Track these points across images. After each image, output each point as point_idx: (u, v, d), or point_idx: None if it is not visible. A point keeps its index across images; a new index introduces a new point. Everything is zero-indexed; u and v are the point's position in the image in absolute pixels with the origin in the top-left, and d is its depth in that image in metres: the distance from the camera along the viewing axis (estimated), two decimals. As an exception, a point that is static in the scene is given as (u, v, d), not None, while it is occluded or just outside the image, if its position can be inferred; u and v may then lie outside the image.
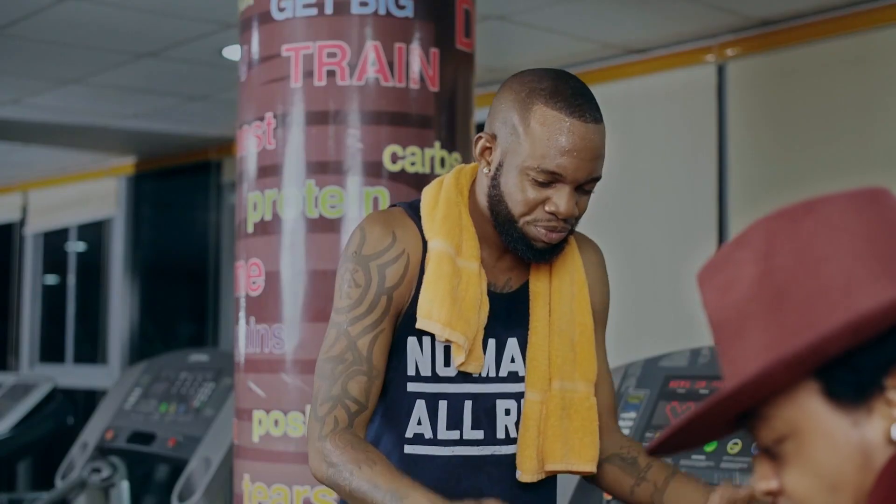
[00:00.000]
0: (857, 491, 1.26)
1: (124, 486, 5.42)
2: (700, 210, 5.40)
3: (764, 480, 1.35)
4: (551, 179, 2.16)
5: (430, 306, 2.22)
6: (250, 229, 3.53)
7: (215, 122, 7.40)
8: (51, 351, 9.35)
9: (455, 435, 2.28)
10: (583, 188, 2.20)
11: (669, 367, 3.31)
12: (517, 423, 2.32)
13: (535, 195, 2.18)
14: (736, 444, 3.03)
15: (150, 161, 8.53)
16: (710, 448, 3.07)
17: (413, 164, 3.39)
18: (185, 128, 7.63)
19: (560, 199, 2.17)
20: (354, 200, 3.39)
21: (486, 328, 2.28)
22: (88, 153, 8.55)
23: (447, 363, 2.26)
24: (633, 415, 3.28)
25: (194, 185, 8.25)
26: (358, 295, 2.23)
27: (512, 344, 2.33)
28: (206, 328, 8.07)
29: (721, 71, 5.44)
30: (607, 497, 3.05)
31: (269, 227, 3.47)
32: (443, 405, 2.27)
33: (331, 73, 3.41)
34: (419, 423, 2.27)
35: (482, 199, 2.27)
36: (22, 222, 9.75)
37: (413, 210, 2.31)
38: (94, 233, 9.06)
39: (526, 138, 2.17)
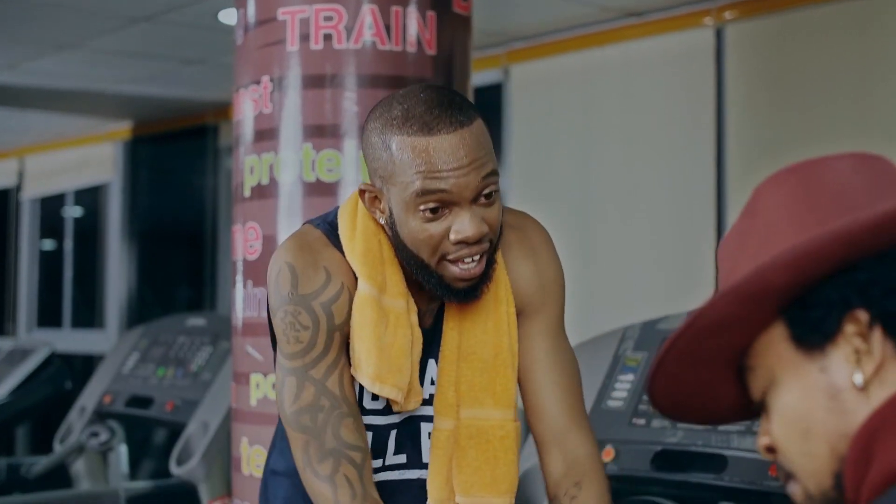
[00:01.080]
0: (829, 436, 1.28)
1: (122, 450, 5.43)
2: (699, 173, 5.39)
3: (762, 437, 1.37)
4: (441, 205, 2.00)
5: (359, 358, 2.09)
6: (247, 193, 3.52)
7: (212, 87, 7.38)
8: (48, 316, 9.36)
9: (378, 463, 2.19)
10: (481, 197, 2.02)
11: (667, 330, 3.31)
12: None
13: (435, 229, 2.01)
14: (733, 406, 3.03)
15: (146, 126, 8.52)
16: (707, 411, 3.07)
17: (410, 127, 3.38)
18: (181, 92, 7.62)
19: (461, 223, 2.01)
20: (351, 164, 3.38)
21: None
22: (85, 118, 8.53)
23: (375, 397, 2.16)
24: (630, 377, 3.28)
25: (191, 150, 8.24)
26: (309, 337, 2.08)
27: (432, 365, 2.21)
28: (204, 292, 8.07)
29: (719, 34, 5.42)
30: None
31: (266, 191, 3.47)
32: (367, 436, 2.16)
33: (327, 37, 3.40)
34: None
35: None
36: (18, 188, 9.74)
37: (334, 233, 2.15)
38: (91, 198, 9.05)
39: (398, 176, 2.01)
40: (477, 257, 2.05)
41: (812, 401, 1.29)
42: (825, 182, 1.32)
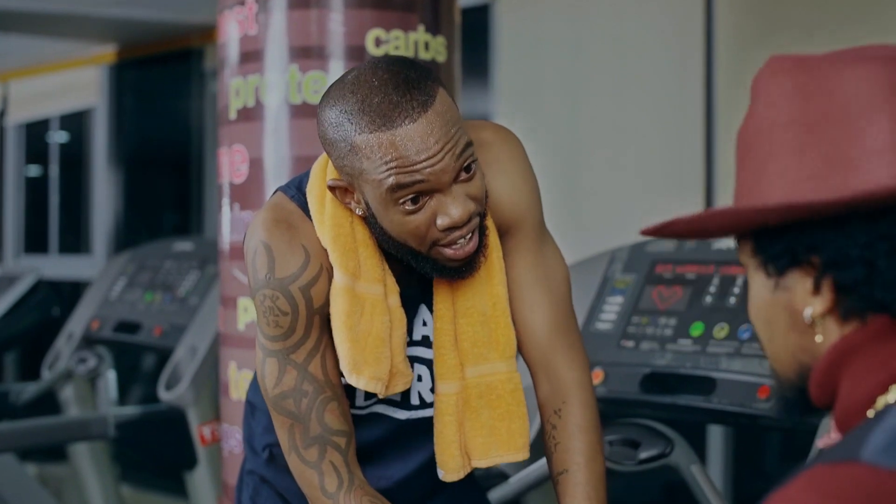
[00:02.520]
0: (788, 343, 1.36)
1: (111, 376, 5.43)
2: (687, 93, 5.36)
3: None
4: (420, 194, 1.91)
5: (336, 346, 2.03)
6: (233, 116, 3.49)
7: (196, 9, 7.31)
8: (35, 242, 9.32)
9: (373, 399, 2.17)
10: (461, 174, 1.93)
11: (656, 252, 3.30)
12: (432, 389, 2.17)
13: (419, 219, 1.93)
14: (722, 328, 3.03)
15: (131, 49, 8.44)
16: (696, 333, 3.07)
17: (397, 48, 3.34)
18: (166, 15, 7.55)
19: (445, 208, 1.92)
20: (338, 85, 3.34)
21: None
22: (69, 42, 8.45)
23: None
24: (619, 299, 3.27)
25: (176, 73, 8.17)
26: (289, 322, 2.01)
27: (422, 309, 2.15)
28: (191, 217, 8.04)
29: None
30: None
31: (251, 114, 3.44)
32: (359, 392, 2.16)
33: (313, -44, 3.35)
34: None
35: None
36: (2, 114, 9.66)
37: (306, 204, 2.07)
38: (76, 123, 8.98)
39: (367, 174, 1.90)
40: (469, 235, 1.97)
41: (773, 308, 1.36)
42: (832, 103, 1.32)
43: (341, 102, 1.92)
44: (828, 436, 1.37)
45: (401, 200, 1.91)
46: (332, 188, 2.00)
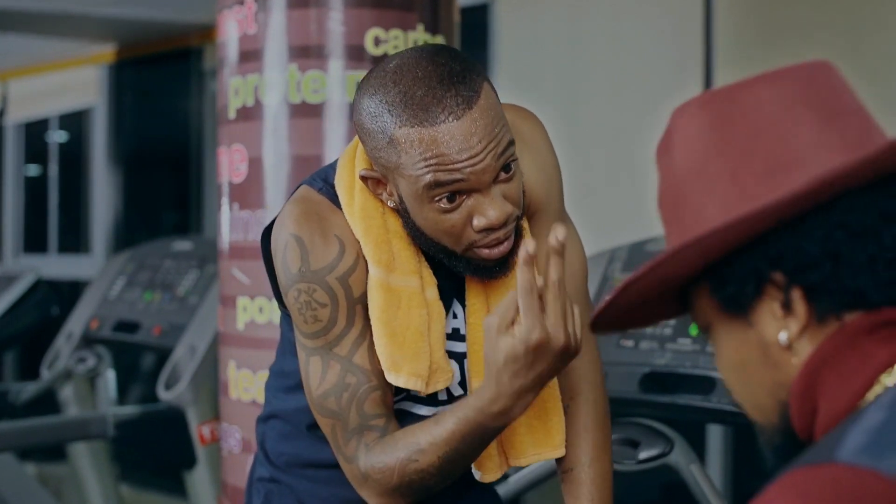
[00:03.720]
0: (766, 384, 1.32)
1: (110, 376, 5.43)
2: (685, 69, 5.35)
3: None
4: (457, 193, 1.83)
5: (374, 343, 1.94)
6: (232, 115, 3.49)
7: (196, 8, 7.31)
8: (34, 241, 9.32)
9: (402, 394, 2.06)
10: (500, 174, 1.85)
11: (655, 251, 3.30)
12: (460, 383, 2.06)
13: (455, 218, 1.85)
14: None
15: (130, 48, 8.44)
16: (696, 332, 3.07)
17: (396, 47, 3.34)
18: (165, 14, 7.55)
19: (483, 209, 1.84)
20: (337, 85, 3.34)
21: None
22: (68, 41, 8.45)
23: None
24: (619, 299, 3.27)
25: (176, 73, 8.17)
26: (328, 315, 1.92)
27: (454, 302, 2.06)
28: (190, 216, 8.04)
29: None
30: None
31: (251, 113, 3.44)
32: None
33: (312, -45, 3.35)
34: None
35: None
36: (2, 113, 9.67)
37: (335, 195, 1.98)
38: (76, 122, 8.98)
39: (404, 168, 1.83)
40: (504, 239, 1.89)
41: (745, 352, 1.32)
42: (748, 125, 1.30)
43: (382, 92, 1.84)
44: None
45: (437, 198, 1.83)
46: (364, 178, 1.92)
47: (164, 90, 8.41)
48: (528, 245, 1.70)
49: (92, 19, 7.71)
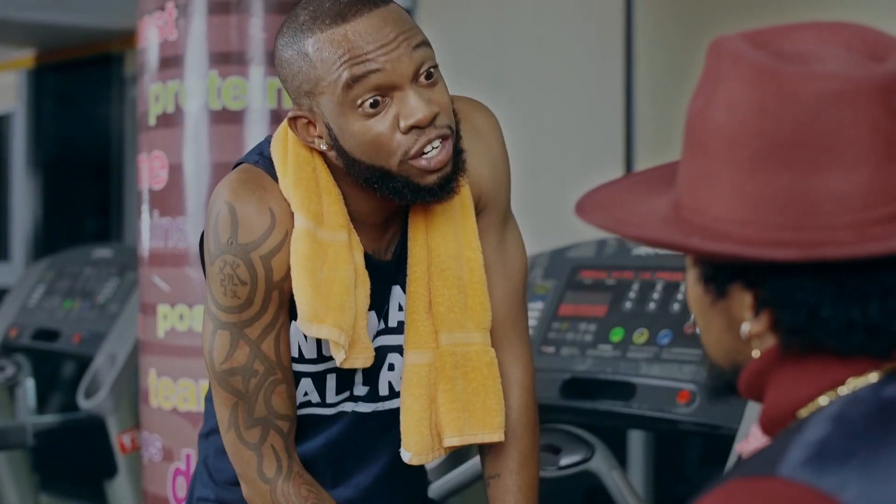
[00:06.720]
0: (723, 342, 1.32)
1: (29, 384, 5.38)
2: (608, 107, 5.40)
3: None
4: (379, 93, 1.81)
5: (296, 300, 1.91)
6: (152, 122, 3.47)
7: (116, 14, 7.26)
8: (-48, 249, 9.21)
9: (345, 395, 2.06)
10: (420, 77, 1.84)
11: (577, 258, 3.31)
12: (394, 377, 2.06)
13: (381, 125, 1.83)
14: (642, 334, 3.05)
15: (50, 54, 8.37)
16: (616, 338, 3.09)
17: (318, 54, 3.33)
18: (85, 19, 7.49)
19: (407, 106, 1.82)
20: (258, 91, 3.34)
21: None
22: (-14, 46, 8.38)
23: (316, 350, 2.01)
24: (539, 305, 3.28)
25: (96, 79, 8.11)
26: (246, 294, 1.91)
27: (397, 292, 2.04)
28: (111, 223, 7.98)
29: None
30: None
31: (171, 120, 3.42)
32: (331, 378, 2.04)
33: (233, -39, 3.34)
34: (305, 394, 2.05)
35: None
36: (-80, 118, 9.54)
37: (271, 166, 1.97)
38: (-6, 128, 8.89)
39: (322, 79, 1.83)
40: (438, 143, 1.85)
41: (711, 309, 1.31)
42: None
43: (294, 20, 1.88)
44: (746, 441, 1.36)
45: (358, 101, 1.82)
46: (292, 120, 1.91)
47: (84, 96, 8.34)
48: None
49: (10, 24, 7.63)
